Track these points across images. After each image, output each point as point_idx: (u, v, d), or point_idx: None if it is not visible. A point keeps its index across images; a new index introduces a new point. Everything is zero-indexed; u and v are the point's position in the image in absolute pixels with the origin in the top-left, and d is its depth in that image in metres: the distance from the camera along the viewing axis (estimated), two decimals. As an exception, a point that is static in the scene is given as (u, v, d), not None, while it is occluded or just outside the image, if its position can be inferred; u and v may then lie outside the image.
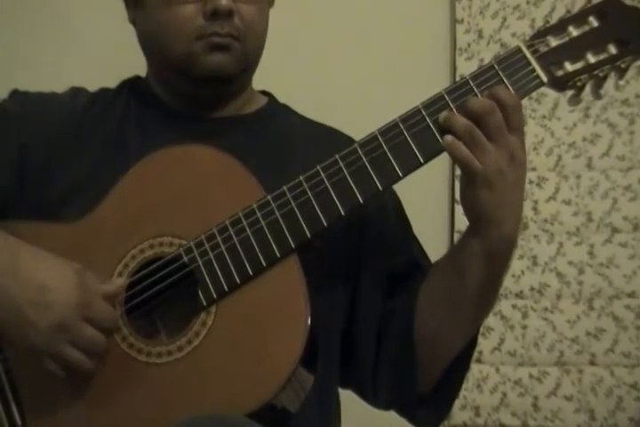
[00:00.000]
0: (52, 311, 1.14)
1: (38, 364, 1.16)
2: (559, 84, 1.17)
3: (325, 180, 1.16)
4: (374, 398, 1.34)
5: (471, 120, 1.13)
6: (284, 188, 1.17)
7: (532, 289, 2.20)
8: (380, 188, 1.15)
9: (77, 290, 1.15)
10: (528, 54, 1.16)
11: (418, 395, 1.28)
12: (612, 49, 1.15)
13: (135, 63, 1.41)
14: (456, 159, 1.14)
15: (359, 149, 1.16)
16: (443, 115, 1.15)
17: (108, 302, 1.17)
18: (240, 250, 1.16)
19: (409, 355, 1.26)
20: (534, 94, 1.42)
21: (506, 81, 1.15)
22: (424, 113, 1.16)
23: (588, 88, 1.17)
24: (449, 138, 1.14)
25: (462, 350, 1.27)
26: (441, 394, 1.29)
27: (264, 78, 1.41)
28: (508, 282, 2.14)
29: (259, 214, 1.17)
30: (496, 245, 1.17)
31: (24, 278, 1.15)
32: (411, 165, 1.16)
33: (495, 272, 1.20)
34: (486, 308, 1.26)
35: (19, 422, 1.18)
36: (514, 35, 2.29)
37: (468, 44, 2.32)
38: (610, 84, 1.17)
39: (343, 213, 1.16)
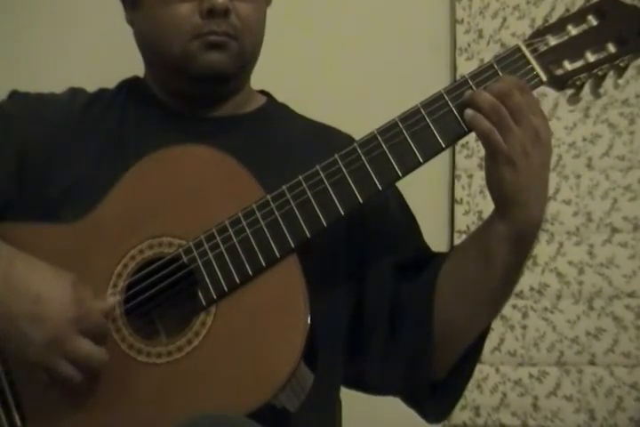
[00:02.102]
0: (47, 325, 1.13)
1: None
2: (558, 82, 1.17)
3: (325, 179, 1.16)
4: (379, 384, 1.33)
5: None
6: (284, 187, 1.17)
7: (531, 289, 2.20)
8: (380, 187, 1.15)
9: (73, 303, 1.15)
10: (527, 53, 1.16)
11: (430, 383, 1.28)
12: (611, 48, 1.15)
13: (134, 64, 1.41)
14: (478, 132, 1.14)
15: (358, 149, 1.16)
16: (468, 93, 1.15)
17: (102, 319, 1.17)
18: (240, 250, 1.16)
19: (425, 341, 1.25)
20: (534, 94, 1.40)
21: (505, 80, 1.15)
22: (423, 112, 1.16)
23: (587, 87, 1.17)
24: (470, 111, 1.14)
25: (475, 340, 1.27)
26: (452, 383, 1.29)
27: (262, 78, 1.41)
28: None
29: (258, 214, 1.16)
30: (522, 227, 1.18)
31: (19, 290, 1.15)
32: (410, 165, 1.16)
33: (521, 254, 1.21)
34: (509, 290, 1.25)
35: (18, 423, 1.18)
36: (514, 35, 2.29)
37: (468, 44, 2.31)
38: (609, 82, 1.17)
39: (343, 213, 1.16)
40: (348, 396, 1.37)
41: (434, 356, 1.25)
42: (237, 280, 1.15)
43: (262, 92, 1.45)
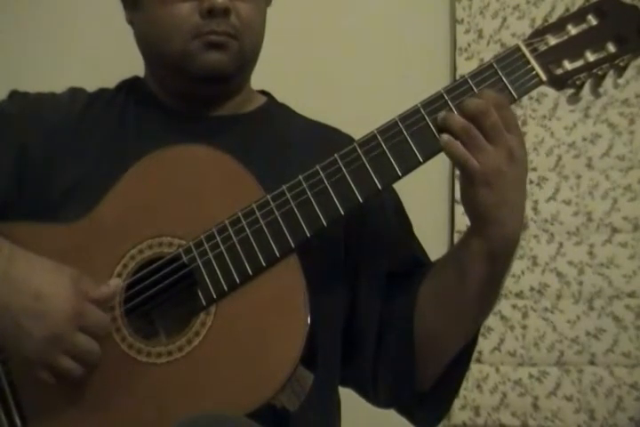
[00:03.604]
0: (47, 321, 1.13)
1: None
2: (558, 82, 1.17)
3: (325, 179, 1.16)
4: (375, 397, 1.34)
5: (468, 120, 1.13)
6: (284, 187, 1.17)
7: (531, 289, 2.20)
8: (380, 187, 1.15)
9: (72, 298, 1.14)
10: (527, 53, 1.16)
11: (416, 394, 1.28)
12: (611, 47, 1.15)
13: (134, 64, 1.41)
14: (452, 158, 1.14)
15: (358, 149, 1.16)
16: (441, 115, 1.15)
17: (105, 304, 1.17)
18: (239, 250, 1.16)
19: (408, 354, 1.26)
20: (534, 94, 1.40)
21: (505, 80, 1.15)
22: (423, 112, 1.15)
23: (587, 87, 1.17)
24: (445, 136, 1.14)
25: (462, 350, 1.27)
26: (439, 393, 1.30)
27: (262, 78, 1.41)
28: (508, 282, 2.13)
29: (258, 214, 1.16)
30: (497, 245, 1.17)
31: (19, 286, 1.15)
32: (410, 165, 1.16)
33: (496, 272, 1.20)
34: (487, 308, 1.25)
35: (18, 423, 1.18)
36: (514, 35, 2.29)
37: (468, 44, 2.32)
38: (609, 82, 1.17)
39: (342, 213, 1.16)
40: (348, 396, 1.37)
41: (417, 369, 1.26)
42: (237, 280, 1.15)
43: (262, 92, 1.45)
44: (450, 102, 1.15)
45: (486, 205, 1.14)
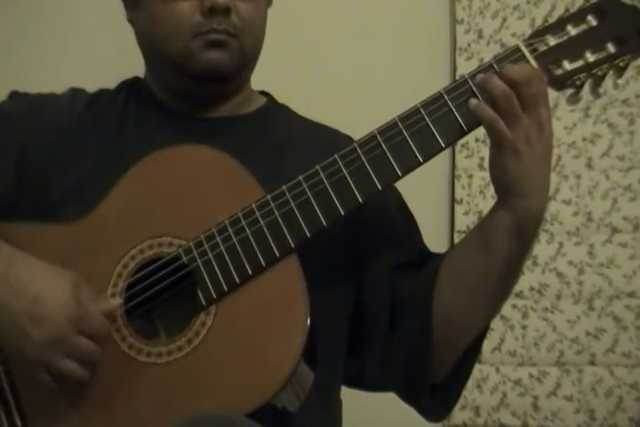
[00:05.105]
0: (47, 324, 1.13)
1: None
2: (558, 82, 1.17)
3: (325, 179, 1.16)
4: (378, 382, 1.33)
5: (508, 85, 1.13)
6: (284, 187, 1.17)
7: (531, 289, 2.20)
8: (380, 187, 1.15)
9: (72, 302, 1.15)
10: (527, 53, 1.16)
11: (429, 383, 1.28)
12: (611, 47, 1.15)
13: (134, 64, 1.41)
14: (483, 121, 1.14)
15: (358, 149, 1.16)
16: (481, 76, 1.15)
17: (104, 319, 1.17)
18: (239, 250, 1.16)
19: (424, 340, 1.25)
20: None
21: (505, 80, 1.15)
22: (423, 112, 1.16)
23: (586, 87, 1.17)
24: (474, 101, 1.14)
25: (473, 342, 1.27)
26: (451, 384, 1.29)
27: (263, 78, 1.41)
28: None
29: (258, 214, 1.17)
30: (523, 220, 1.17)
31: (19, 289, 1.15)
32: (410, 165, 1.16)
33: (522, 248, 1.20)
34: (508, 288, 1.25)
35: (19, 423, 1.18)
36: (514, 35, 2.29)
37: (468, 44, 2.31)
38: (609, 82, 1.17)
39: (342, 213, 1.16)
40: (348, 396, 1.37)
41: (432, 355, 1.25)
42: (237, 280, 1.15)
43: (263, 93, 1.45)
44: (449, 102, 1.16)
45: (514, 175, 1.14)
